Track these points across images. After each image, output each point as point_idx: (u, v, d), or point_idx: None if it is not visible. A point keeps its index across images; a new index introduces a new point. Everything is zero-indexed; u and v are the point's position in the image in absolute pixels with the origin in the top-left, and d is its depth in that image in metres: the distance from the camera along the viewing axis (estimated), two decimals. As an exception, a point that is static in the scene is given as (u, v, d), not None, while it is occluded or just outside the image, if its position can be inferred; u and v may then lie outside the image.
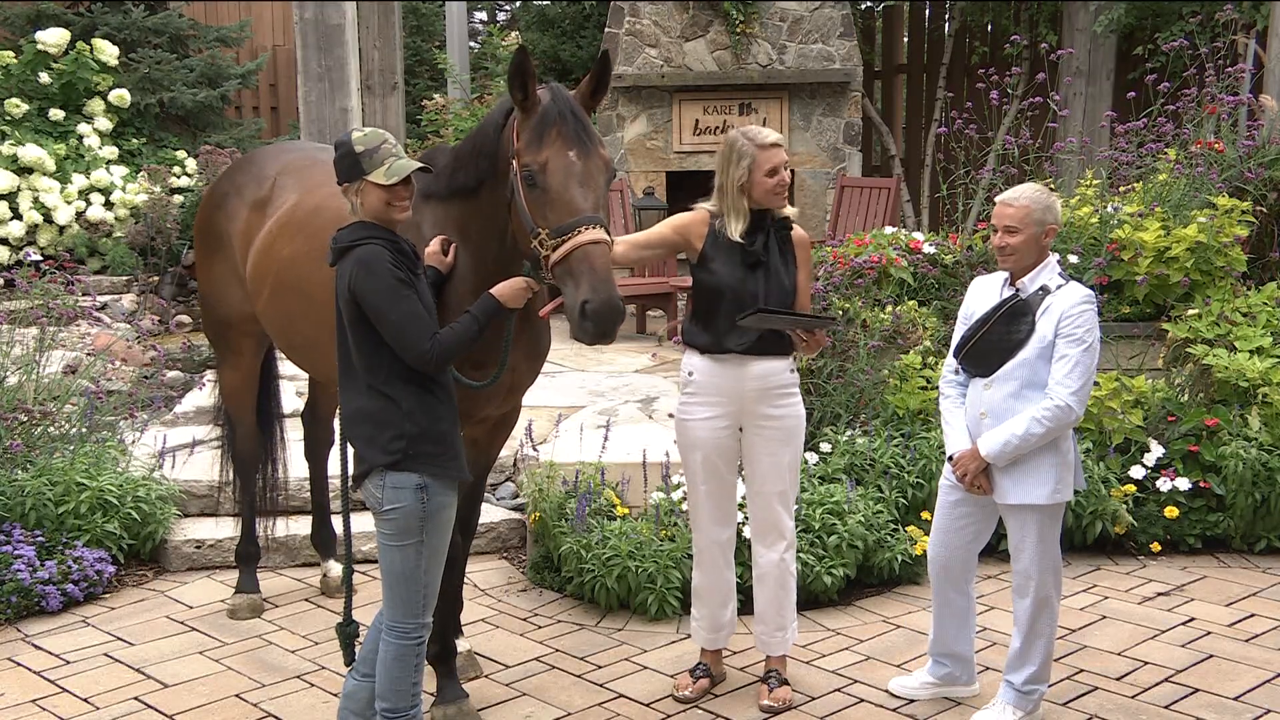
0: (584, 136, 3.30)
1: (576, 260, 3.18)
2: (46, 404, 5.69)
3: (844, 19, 10.41)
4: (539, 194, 3.27)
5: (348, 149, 3.30)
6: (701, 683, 4.18)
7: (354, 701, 3.53)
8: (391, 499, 3.31)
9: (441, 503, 3.36)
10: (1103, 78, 10.49)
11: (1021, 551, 3.83)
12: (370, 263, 3.24)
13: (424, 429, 3.31)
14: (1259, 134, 6.75)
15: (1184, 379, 5.84)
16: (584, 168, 3.28)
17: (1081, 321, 3.69)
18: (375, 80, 10.10)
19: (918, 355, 5.83)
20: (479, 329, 3.36)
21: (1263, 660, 4.42)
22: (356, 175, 3.30)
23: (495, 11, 15.98)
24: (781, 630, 4.14)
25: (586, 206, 3.24)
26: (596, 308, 3.14)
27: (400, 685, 3.41)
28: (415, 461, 3.30)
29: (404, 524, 3.32)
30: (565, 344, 8.77)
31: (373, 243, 3.28)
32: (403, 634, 3.40)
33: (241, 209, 4.60)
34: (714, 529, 4.09)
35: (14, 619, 4.85)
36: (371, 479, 3.34)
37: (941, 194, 7.93)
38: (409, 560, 3.36)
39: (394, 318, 3.22)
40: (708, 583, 4.16)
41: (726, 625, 4.23)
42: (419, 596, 3.39)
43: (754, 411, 3.95)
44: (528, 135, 3.31)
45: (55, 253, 9.34)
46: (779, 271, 3.92)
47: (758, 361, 3.91)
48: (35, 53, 10.08)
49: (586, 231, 3.19)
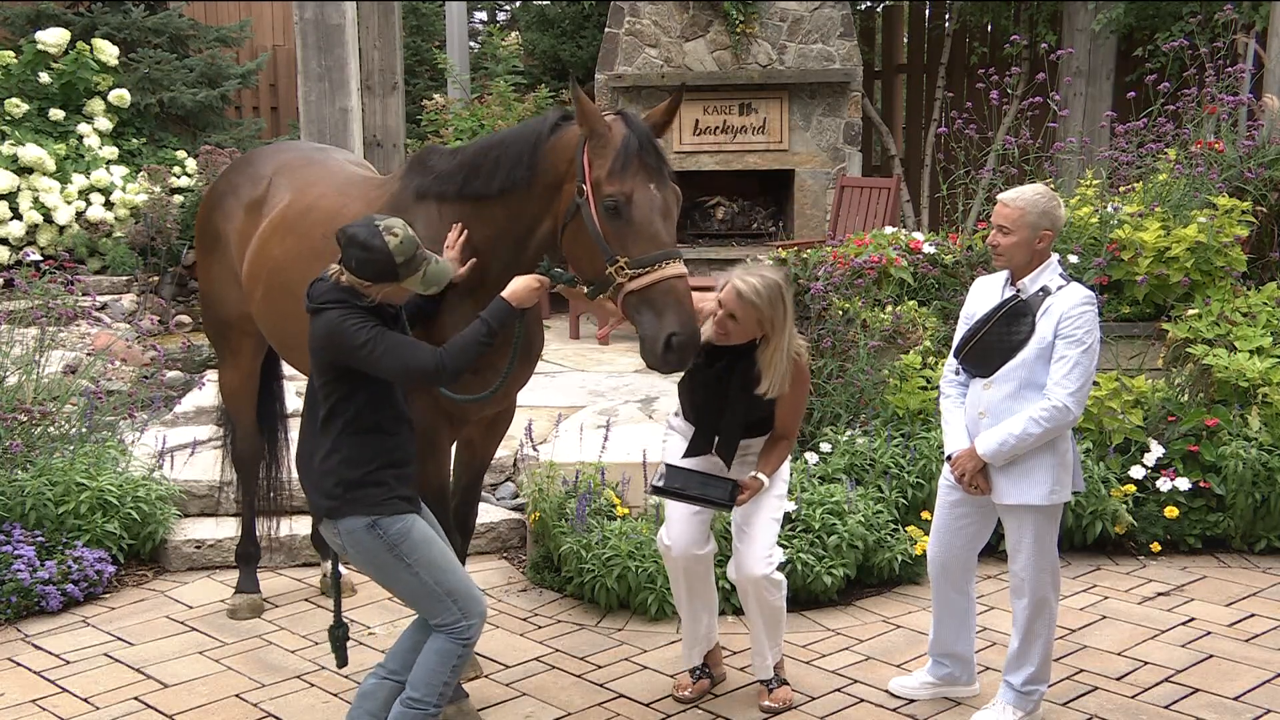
0: (663, 168, 3.41)
1: (661, 293, 3.27)
2: (46, 404, 5.68)
3: (844, 19, 10.40)
4: (622, 225, 3.33)
5: (383, 256, 3.22)
6: (701, 683, 4.19)
7: (370, 701, 3.50)
8: (350, 544, 3.36)
9: (401, 530, 3.35)
10: (1103, 78, 10.48)
11: (1019, 552, 3.83)
12: (334, 332, 3.26)
13: (359, 476, 3.32)
14: (1259, 134, 6.74)
15: (1184, 379, 5.84)
16: (664, 201, 3.37)
17: (1081, 322, 3.69)
18: (375, 80, 10.10)
19: (918, 355, 5.83)
20: (490, 332, 3.37)
21: (1263, 660, 4.42)
22: (389, 280, 3.28)
23: (495, 11, 15.96)
24: (777, 648, 4.14)
25: (669, 240, 3.35)
26: (683, 340, 3.25)
27: (434, 679, 3.41)
28: (355, 506, 3.32)
29: (374, 560, 3.36)
30: (565, 344, 8.78)
31: (335, 307, 3.28)
32: (451, 632, 3.41)
33: (238, 209, 4.60)
34: (692, 548, 3.97)
35: (14, 619, 4.86)
36: (325, 526, 3.40)
37: (941, 194, 7.92)
38: (409, 583, 3.38)
39: (384, 360, 3.24)
40: (694, 603, 4.09)
41: (701, 640, 4.17)
42: (445, 603, 3.39)
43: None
44: (609, 164, 3.34)
45: (55, 253, 9.33)
46: (739, 401, 3.81)
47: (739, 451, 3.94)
48: (35, 53, 10.07)
49: (671, 266, 3.29)
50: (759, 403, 3.83)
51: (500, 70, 11.18)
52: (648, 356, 3.30)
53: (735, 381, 3.81)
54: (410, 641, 3.52)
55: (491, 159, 3.60)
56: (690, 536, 3.96)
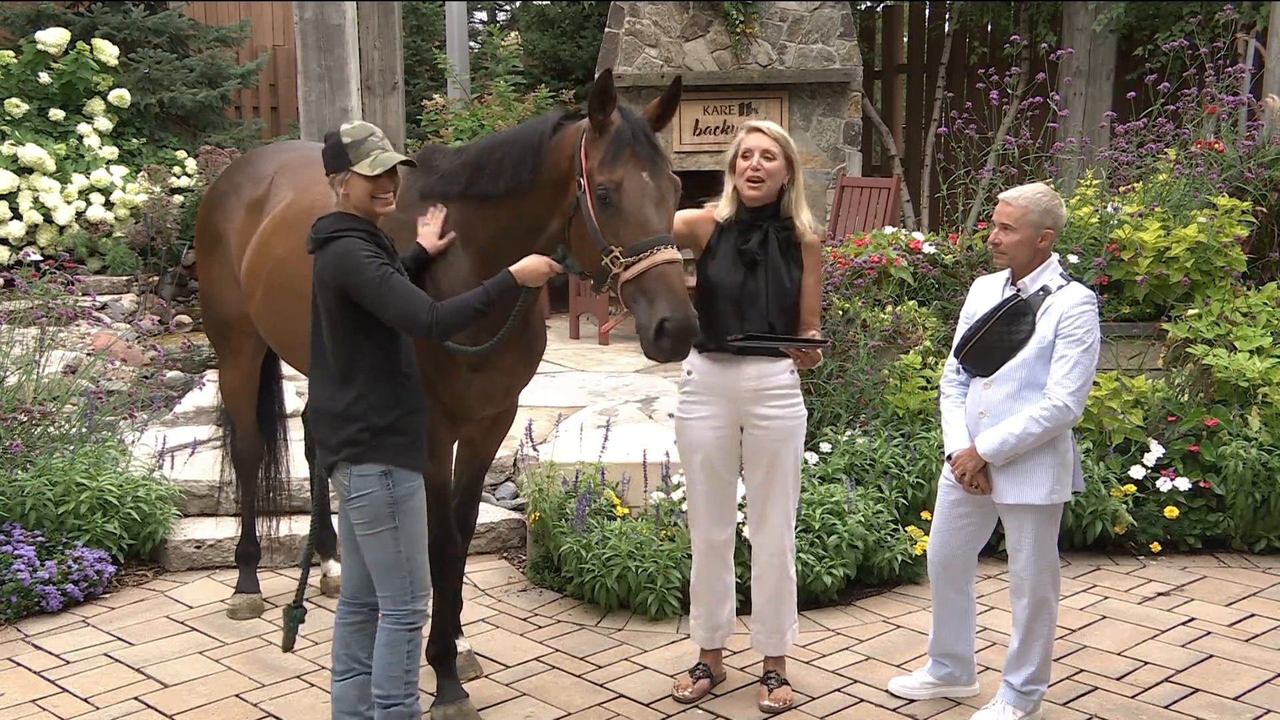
0: (656, 157, 3.38)
1: (653, 279, 3.24)
2: (46, 404, 5.68)
3: (844, 19, 10.40)
4: (613, 213, 3.32)
5: (335, 140, 3.36)
6: (701, 683, 4.18)
7: (344, 703, 3.58)
8: (358, 487, 3.37)
9: (408, 489, 3.41)
10: (1103, 78, 10.48)
11: (1019, 552, 3.83)
12: (346, 255, 3.28)
13: (389, 422, 3.37)
14: (1259, 134, 6.74)
15: (1184, 379, 5.84)
16: (657, 188, 3.35)
17: (1082, 322, 3.69)
18: (375, 80, 10.10)
19: (918, 355, 5.83)
20: (487, 301, 3.37)
21: (1263, 660, 4.42)
22: (342, 166, 3.35)
23: (495, 11, 15.96)
24: (779, 633, 4.13)
25: (661, 226, 3.32)
26: (676, 326, 3.19)
27: (393, 671, 3.44)
28: (378, 452, 3.36)
29: (373, 511, 3.38)
30: (565, 344, 8.78)
31: (350, 235, 3.32)
32: (395, 620, 3.45)
33: (239, 208, 4.60)
34: (712, 529, 4.09)
35: (14, 619, 4.85)
36: (338, 470, 3.41)
37: (941, 194, 7.92)
38: (387, 547, 3.41)
39: (387, 297, 3.26)
40: (705, 582, 4.16)
41: (724, 625, 4.22)
42: (405, 583, 3.43)
43: (751, 412, 3.94)
44: (601, 155, 3.34)
45: (55, 253, 9.33)
46: (779, 270, 3.89)
47: (753, 363, 3.90)
48: (35, 53, 10.07)
49: (661, 251, 3.25)
50: (795, 277, 3.89)
51: (500, 70, 11.18)
52: (644, 345, 3.27)
53: (773, 249, 3.88)
54: (341, 638, 3.57)
55: (495, 159, 3.61)
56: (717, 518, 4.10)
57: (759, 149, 3.86)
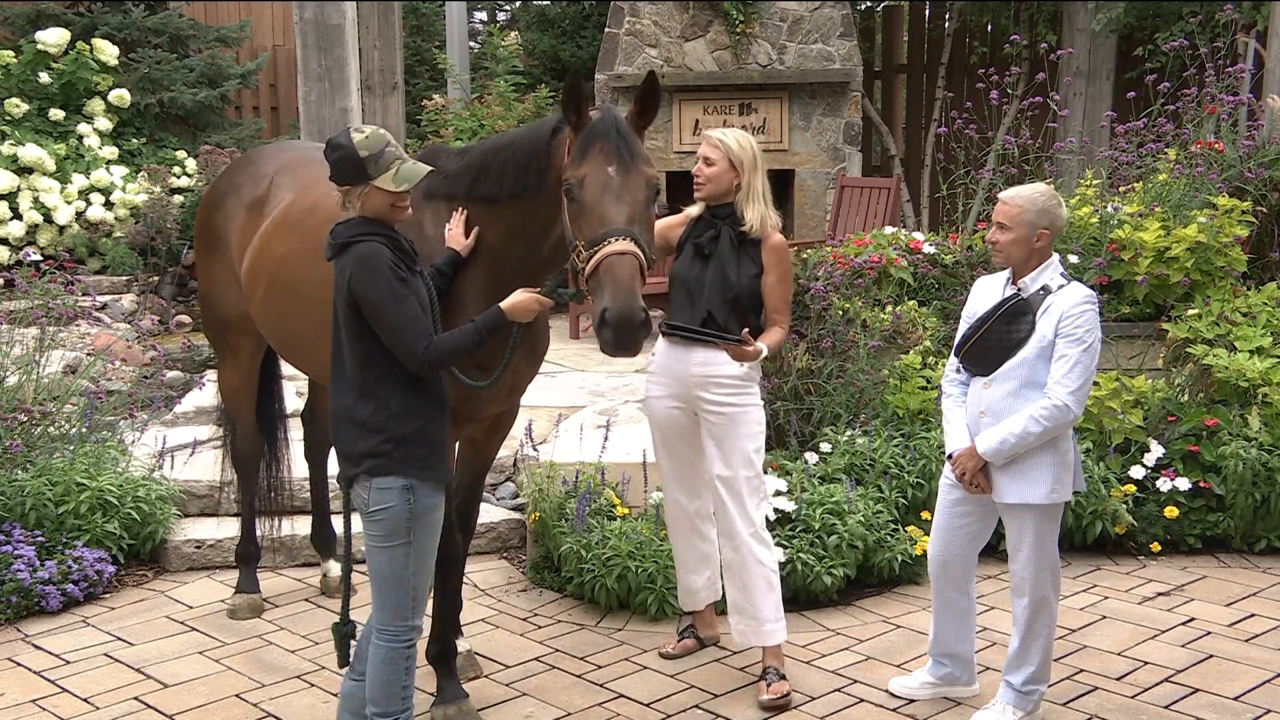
0: (625, 152, 3.33)
1: (601, 271, 3.21)
2: (46, 404, 5.68)
3: (844, 19, 10.41)
4: (576, 207, 3.32)
5: (349, 153, 3.25)
6: (686, 643, 4.42)
7: (351, 702, 3.53)
8: (378, 500, 3.30)
9: (428, 504, 3.34)
10: (1103, 78, 10.48)
11: (1019, 551, 3.83)
12: (371, 261, 3.23)
13: (411, 431, 3.30)
14: (1259, 134, 6.74)
15: (1184, 379, 5.84)
16: (621, 182, 3.31)
17: (1082, 322, 3.69)
18: (375, 80, 10.10)
19: (918, 355, 5.83)
20: (479, 340, 3.35)
21: (1263, 660, 4.42)
22: (360, 180, 3.27)
23: (495, 11, 15.98)
24: (757, 621, 4.16)
25: (619, 220, 3.26)
26: (614, 315, 3.15)
27: (390, 689, 3.40)
28: (401, 464, 3.29)
29: (391, 526, 3.31)
30: (565, 344, 8.77)
31: (374, 240, 3.27)
32: (392, 637, 3.38)
33: (239, 208, 4.60)
34: (679, 495, 4.35)
35: (14, 619, 4.86)
36: (358, 483, 3.33)
37: (941, 194, 7.92)
38: (396, 562, 3.34)
39: (392, 319, 3.22)
40: (677, 546, 4.45)
41: (702, 589, 4.45)
42: (407, 599, 3.37)
43: (700, 397, 4.15)
44: (574, 152, 3.36)
45: (55, 253, 9.34)
46: (725, 264, 4.10)
47: (701, 350, 4.09)
48: (35, 53, 10.08)
49: (614, 243, 3.21)
50: (745, 272, 4.09)
51: (500, 70, 11.18)
52: (598, 341, 3.25)
53: (723, 244, 4.09)
54: (370, 640, 3.52)
55: (499, 162, 3.61)
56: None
57: (702, 155, 4.15)
